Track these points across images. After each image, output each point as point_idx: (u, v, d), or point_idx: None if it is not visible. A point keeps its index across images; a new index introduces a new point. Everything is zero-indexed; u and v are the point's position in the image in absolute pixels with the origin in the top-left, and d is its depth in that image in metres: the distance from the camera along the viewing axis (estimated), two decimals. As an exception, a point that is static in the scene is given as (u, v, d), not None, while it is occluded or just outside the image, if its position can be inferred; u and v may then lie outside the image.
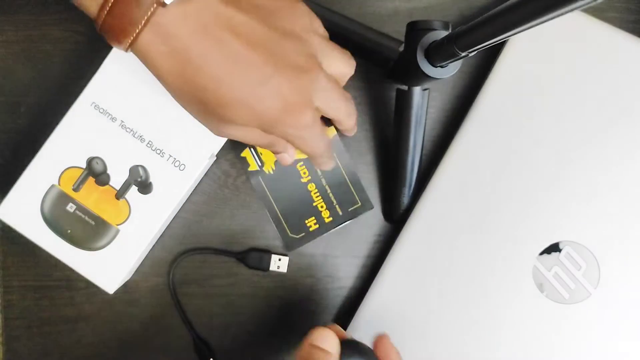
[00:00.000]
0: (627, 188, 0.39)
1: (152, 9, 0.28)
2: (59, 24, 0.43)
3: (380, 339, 0.36)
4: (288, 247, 0.43)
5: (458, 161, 0.41)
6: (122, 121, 0.40)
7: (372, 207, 0.43)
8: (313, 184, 0.43)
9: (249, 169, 0.43)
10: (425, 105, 0.41)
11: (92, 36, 0.44)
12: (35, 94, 0.44)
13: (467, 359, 0.40)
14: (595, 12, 0.43)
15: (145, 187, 0.40)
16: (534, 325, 0.40)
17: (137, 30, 0.28)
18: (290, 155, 0.38)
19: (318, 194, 0.43)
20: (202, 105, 0.30)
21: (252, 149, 0.43)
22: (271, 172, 0.43)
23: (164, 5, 0.28)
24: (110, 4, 0.28)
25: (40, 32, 0.44)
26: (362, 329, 0.41)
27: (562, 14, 0.21)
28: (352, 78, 0.44)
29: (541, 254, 0.40)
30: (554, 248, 0.40)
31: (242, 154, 0.43)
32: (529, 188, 0.40)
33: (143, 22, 0.28)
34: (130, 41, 0.28)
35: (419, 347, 0.40)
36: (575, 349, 0.39)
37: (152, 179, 0.40)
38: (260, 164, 0.43)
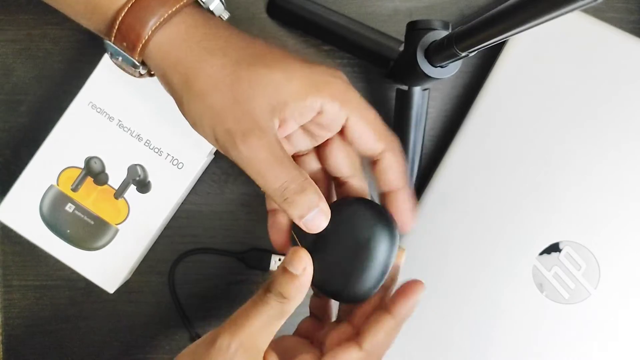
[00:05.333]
0: (627, 188, 0.39)
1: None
2: (59, 23, 0.43)
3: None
4: None
5: (458, 161, 0.41)
6: (120, 120, 0.40)
7: None
8: None
9: None
10: (425, 105, 0.41)
11: (92, 35, 0.44)
12: (36, 93, 0.44)
13: (467, 358, 0.40)
14: (595, 12, 0.42)
15: (143, 186, 0.40)
16: (533, 325, 0.40)
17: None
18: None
19: None
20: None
21: None
22: None
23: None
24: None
25: (41, 31, 0.44)
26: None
27: (562, 14, 0.21)
28: (352, 78, 0.44)
29: (541, 254, 0.40)
30: (554, 248, 0.40)
31: None
32: (529, 188, 0.40)
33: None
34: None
35: (418, 347, 0.40)
36: (575, 349, 0.39)
37: (151, 178, 0.40)
38: None
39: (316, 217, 0.29)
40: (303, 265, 0.29)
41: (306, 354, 0.32)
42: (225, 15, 0.34)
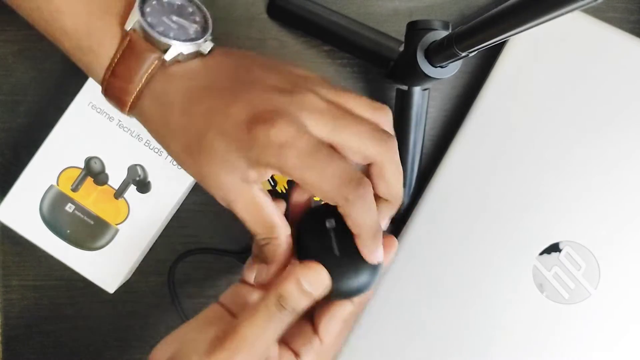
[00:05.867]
0: (627, 188, 0.39)
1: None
2: (58, 24, 0.43)
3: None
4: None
5: (458, 161, 0.41)
6: (120, 120, 0.40)
7: None
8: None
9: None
10: (425, 105, 0.41)
11: (91, 36, 0.44)
12: (35, 93, 0.44)
13: (467, 358, 0.40)
14: (595, 12, 0.42)
15: (143, 186, 0.40)
16: (533, 325, 0.40)
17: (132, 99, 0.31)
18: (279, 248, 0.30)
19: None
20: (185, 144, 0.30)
21: None
22: (284, 191, 0.43)
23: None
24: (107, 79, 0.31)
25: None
26: (363, 328, 0.41)
27: (562, 14, 0.21)
28: (352, 78, 0.44)
29: (541, 254, 0.40)
30: (554, 248, 0.40)
31: None
32: (529, 188, 0.40)
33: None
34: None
35: (418, 347, 0.40)
36: (575, 349, 0.39)
37: (151, 178, 0.40)
38: (273, 184, 0.43)
39: (259, 270, 0.31)
40: (325, 285, 0.29)
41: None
42: (208, 47, 0.32)
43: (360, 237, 0.29)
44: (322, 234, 0.30)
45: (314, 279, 0.28)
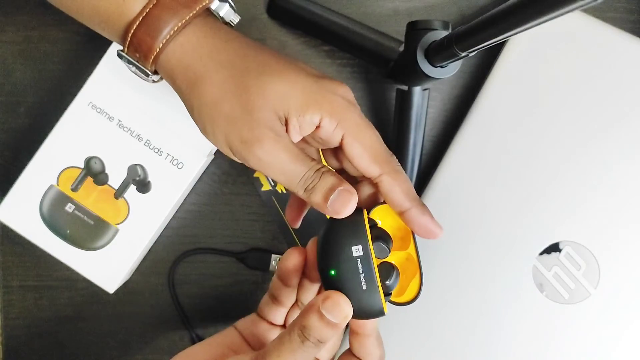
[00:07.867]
0: (627, 188, 0.39)
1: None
2: (58, 24, 0.43)
3: None
4: None
5: (458, 161, 0.41)
6: (120, 120, 0.40)
7: None
8: None
9: (262, 189, 0.43)
10: (425, 105, 0.41)
11: (91, 36, 0.44)
12: (35, 94, 0.44)
13: (467, 358, 0.40)
14: (595, 12, 0.43)
15: (143, 186, 0.40)
16: (533, 325, 0.40)
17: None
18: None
19: None
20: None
21: None
22: (284, 191, 0.43)
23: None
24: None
25: (39, 32, 0.44)
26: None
27: (562, 14, 0.21)
28: (352, 78, 0.44)
29: (541, 254, 0.40)
30: (554, 248, 0.40)
31: (255, 175, 0.43)
32: (528, 188, 0.40)
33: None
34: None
35: (417, 346, 0.40)
36: (575, 349, 0.39)
37: (151, 178, 0.40)
38: (273, 184, 0.43)
39: (340, 195, 0.28)
40: (344, 314, 0.28)
41: None
42: (236, 19, 0.34)
43: (415, 207, 0.30)
44: (347, 259, 0.29)
45: (335, 309, 0.28)
